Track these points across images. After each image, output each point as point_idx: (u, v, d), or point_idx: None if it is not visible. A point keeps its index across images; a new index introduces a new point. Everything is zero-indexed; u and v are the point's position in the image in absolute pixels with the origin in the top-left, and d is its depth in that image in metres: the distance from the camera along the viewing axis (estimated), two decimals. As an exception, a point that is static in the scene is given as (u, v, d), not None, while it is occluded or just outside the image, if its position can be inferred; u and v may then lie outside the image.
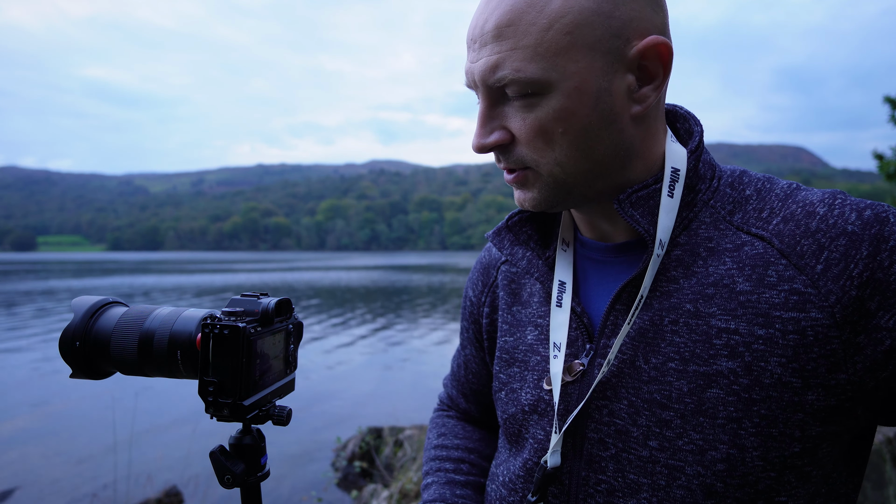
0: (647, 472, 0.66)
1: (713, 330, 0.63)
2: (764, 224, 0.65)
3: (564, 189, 0.67)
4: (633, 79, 0.63)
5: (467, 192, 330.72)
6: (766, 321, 0.61)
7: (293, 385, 0.75)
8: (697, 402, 0.63)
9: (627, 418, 0.67)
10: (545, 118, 0.63)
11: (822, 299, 0.59)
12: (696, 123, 0.74)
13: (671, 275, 0.68)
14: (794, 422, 0.61)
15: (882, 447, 3.46)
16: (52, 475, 6.14)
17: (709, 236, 0.67)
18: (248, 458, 0.68)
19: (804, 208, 0.64)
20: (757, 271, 0.63)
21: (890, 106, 10.10)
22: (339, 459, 6.36)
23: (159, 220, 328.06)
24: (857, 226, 0.60)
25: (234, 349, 0.63)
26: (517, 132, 0.65)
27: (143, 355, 0.69)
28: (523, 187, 0.70)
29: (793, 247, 0.62)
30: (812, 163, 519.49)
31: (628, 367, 0.68)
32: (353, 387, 10.09)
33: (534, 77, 0.61)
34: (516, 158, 0.67)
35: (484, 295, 0.92)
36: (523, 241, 0.80)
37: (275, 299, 0.68)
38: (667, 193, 0.67)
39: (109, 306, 0.72)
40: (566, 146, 0.64)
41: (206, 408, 0.64)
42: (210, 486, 5.38)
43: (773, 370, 0.60)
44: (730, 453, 0.62)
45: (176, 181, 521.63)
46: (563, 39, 0.60)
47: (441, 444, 0.98)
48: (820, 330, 0.59)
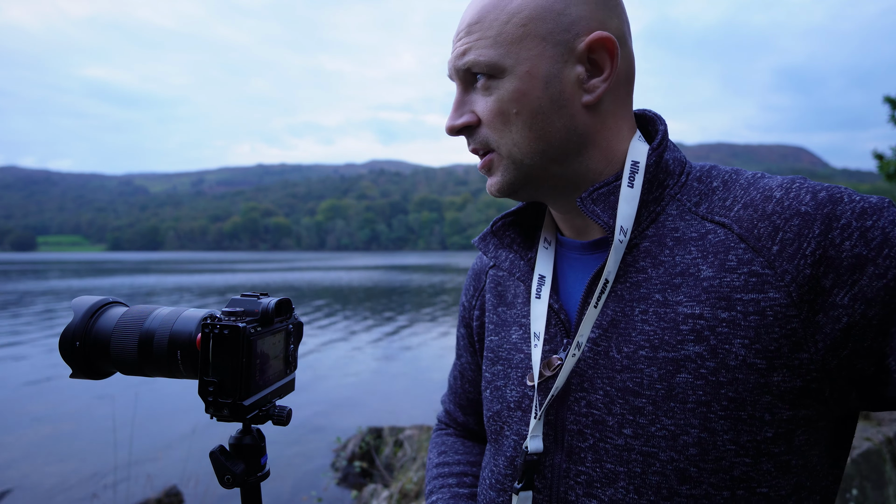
0: (623, 460, 0.67)
1: (680, 316, 0.66)
2: (726, 212, 0.68)
3: (523, 171, 0.73)
4: (582, 70, 0.69)
5: (467, 192, 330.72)
6: (728, 304, 0.63)
7: (293, 385, 0.75)
8: (668, 387, 0.65)
9: (603, 408, 0.69)
10: (502, 99, 0.70)
11: (778, 279, 0.61)
12: (660, 122, 0.78)
13: (640, 265, 0.71)
14: (763, 404, 0.62)
15: (882, 447, 3.46)
16: (52, 475, 6.14)
17: (675, 227, 0.71)
18: (248, 458, 0.69)
19: (763, 193, 0.67)
20: (718, 257, 0.66)
21: (890, 106, 10.11)
22: (339, 459, 6.36)
23: (159, 220, 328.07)
24: (811, 206, 0.62)
25: (234, 349, 0.63)
26: (481, 114, 0.73)
27: (143, 355, 0.69)
28: (490, 172, 0.76)
29: (750, 230, 0.65)
30: (812, 163, 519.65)
31: (603, 357, 0.70)
32: (354, 386, 10.09)
33: (491, 61, 0.69)
34: (480, 139, 0.74)
35: (475, 299, 0.97)
36: (507, 244, 0.84)
37: (275, 299, 0.68)
38: (626, 184, 0.71)
39: (109, 306, 0.72)
40: (521, 126, 0.70)
41: (206, 408, 0.64)
42: (210, 486, 5.38)
43: (737, 352, 0.62)
44: (701, 437, 0.63)
45: (176, 181, 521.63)
46: (518, 31, 0.69)
47: (443, 462, 1.00)
48: (779, 310, 0.61)
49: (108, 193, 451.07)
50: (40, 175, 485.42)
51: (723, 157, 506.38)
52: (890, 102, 10.11)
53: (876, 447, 3.46)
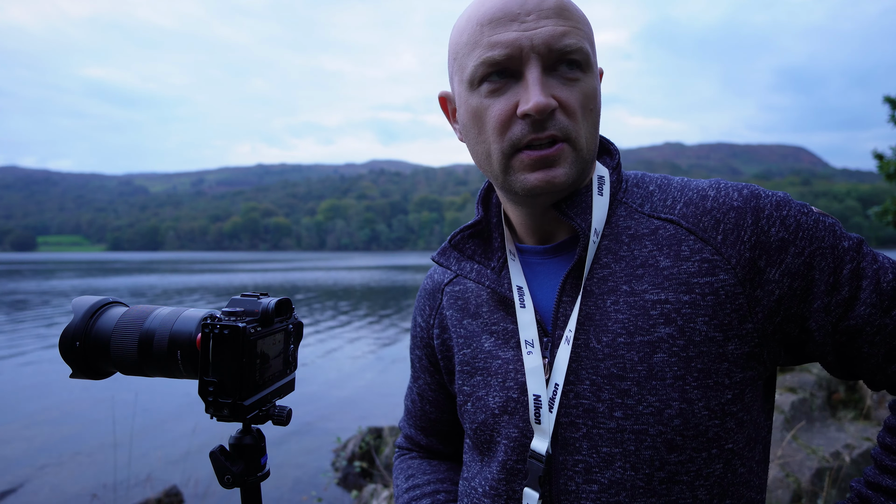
0: (617, 441, 0.72)
1: (648, 303, 0.73)
2: (670, 210, 0.77)
3: (583, 166, 0.76)
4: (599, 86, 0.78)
5: (467, 192, 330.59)
6: (688, 288, 0.72)
7: (293, 385, 0.75)
8: (648, 367, 0.71)
9: (592, 396, 0.73)
10: (585, 92, 0.73)
11: (725, 263, 0.72)
12: (610, 144, 0.88)
13: (603, 261, 0.78)
14: (723, 370, 0.71)
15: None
16: (52, 475, 6.14)
17: (627, 225, 0.79)
18: (247, 458, 0.69)
19: (698, 193, 0.77)
20: (673, 248, 0.75)
21: (890, 106, 10.12)
22: (339, 459, 6.36)
23: (159, 220, 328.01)
24: (740, 201, 0.74)
25: (235, 349, 0.63)
26: (565, 101, 0.72)
27: (143, 355, 0.69)
28: (557, 163, 0.72)
29: (696, 224, 0.75)
30: (812, 163, 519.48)
31: (583, 349, 0.75)
32: (354, 386, 10.09)
33: (589, 55, 0.73)
34: (562, 126, 0.72)
35: (432, 318, 0.96)
36: (469, 255, 0.87)
37: (275, 299, 0.68)
38: (597, 193, 0.79)
39: (109, 306, 0.73)
40: (592, 123, 0.75)
41: (206, 408, 0.64)
42: (210, 486, 5.38)
43: (700, 329, 0.71)
44: (681, 408, 0.70)
45: (176, 181, 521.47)
46: (592, 36, 0.76)
47: (412, 485, 0.99)
48: (729, 289, 0.71)
49: (108, 193, 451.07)
50: (40, 175, 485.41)
51: (723, 157, 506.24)
52: (890, 102, 10.12)
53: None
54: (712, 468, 0.72)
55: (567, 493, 0.74)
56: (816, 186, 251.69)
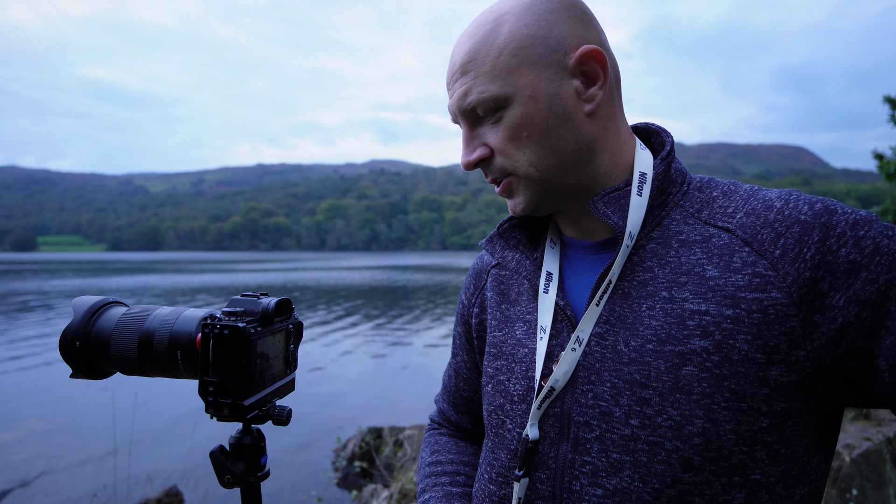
0: (630, 449, 0.70)
1: (686, 312, 0.70)
2: (729, 218, 0.73)
3: (542, 187, 0.77)
4: (578, 83, 0.74)
5: (467, 192, 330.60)
6: (733, 302, 0.68)
7: (293, 385, 0.75)
8: (674, 379, 0.68)
9: (610, 399, 0.72)
10: (511, 126, 0.74)
11: (780, 280, 0.66)
12: (666, 135, 0.83)
13: (647, 265, 0.75)
14: (761, 396, 0.66)
15: (882, 447, 3.46)
16: (52, 475, 6.14)
17: (679, 230, 0.75)
18: (248, 458, 0.69)
19: (763, 203, 0.72)
20: (724, 259, 0.70)
21: (890, 106, 10.11)
22: (339, 459, 6.36)
23: (159, 220, 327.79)
24: (809, 216, 0.68)
25: (235, 349, 0.63)
26: (493, 144, 0.76)
27: (143, 355, 0.69)
28: (511, 195, 0.80)
29: (754, 235, 0.70)
30: (812, 163, 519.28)
31: (610, 351, 0.73)
32: (354, 386, 10.09)
33: (494, 94, 0.73)
34: (498, 168, 0.78)
35: (475, 297, 0.99)
36: (513, 245, 0.88)
37: (275, 299, 0.68)
38: (636, 193, 0.76)
39: (109, 306, 0.73)
40: (533, 147, 0.74)
41: (206, 408, 0.64)
42: (210, 486, 5.38)
43: (740, 347, 0.66)
44: (705, 427, 0.67)
45: (176, 181, 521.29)
46: (511, 61, 0.73)
47: (435, 461, 1.02)
48: (780, 308, 0.66)
49: (108, 193, 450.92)
50: (40, 175, 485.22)
51: (723, 156, 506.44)
52: (890, 102, 10.11)
53: (876, 447, 3.46)
54: (731, 497, 0.67)
55: (571, 492, 0.73)
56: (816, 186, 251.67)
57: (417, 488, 1.00)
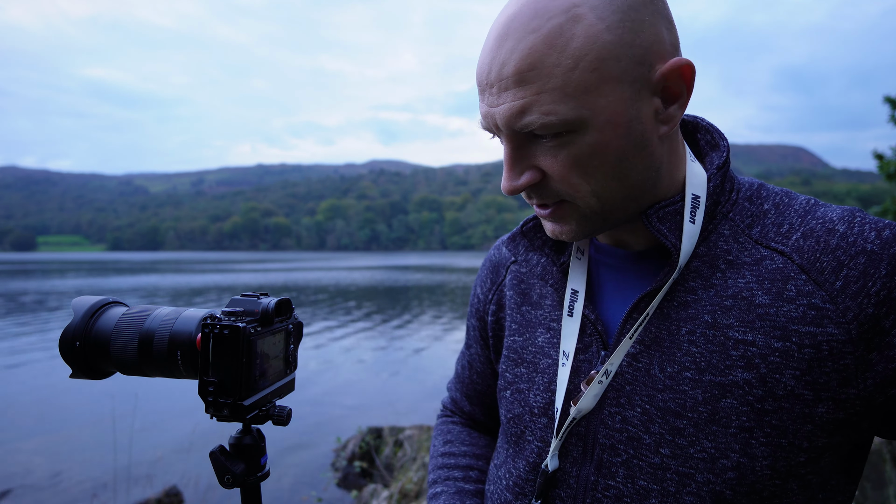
0: (658, 478, 0.66)
1: (730, 341, 0.64)
2: (784, 239, 0.66)
3: (601, 217, 0.68)
4: (658, 101, 0.63)
5: (467, 192, 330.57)
6: (784, 334, 0.62)
7: (293, 385, 0.75)
8: (711, 411, 0.64)
9: (640, 426, 0.68)
10: (580, 154, 0.62)
11: (839, 315, 0.60)
12: (720, 137, 0.73)
13: (689, 285, 0.68)
14: (804, 433, 0.62)
15: (882, 447, 3.46)
16: (52, 475, 6.14)
17: (728, 249, 0.68)
18: (248, 458, 0.68)
19: (824, 225, 0.64)
20: (776, 285, 0.64)
21: (890, 106, 10.10)
22: (339, 459, 6.36)
23: (159, 220, 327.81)
24: (877, 245, 0.61)
25: (234, 349, 0.62)
26: (550, 170, 0.65)
27: (143, 355, 0.69)
28: (559, 221, 0.69)
29: (813, 262, 0.63)
30: (812, 163, 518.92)
31: (643, 375, 0.69)
32: (354, 386, 10.09)
33: (566, 118, 0.60)
34: (552, 193, 0.67)
35: (492, 293, 0.92)
36: (538, 246, 0.80)
37: (275, 299, 0.68)
38: (689, 220, 0.67)
39: (109, 306, 0.72)
40: (602, 178, 0.64)
41: (206, 408, 0.64)
42: (210, 486, 5.38)
43: (787, 382, 0.62)
44: (740, 462, 0.63)
45: (176, 181, 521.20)
46: (590, 77, 0.59)
47: (448, 452, 0.99)
48: (835, 345, 0.60)
49: (108, 193, 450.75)
50: (40, 175, 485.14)
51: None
52: (890, 102, 10.10)
53: (876, 447, 3.46)
54: None
55: None
56: (816, 186, 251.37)
57: (429, 478, 0.97)
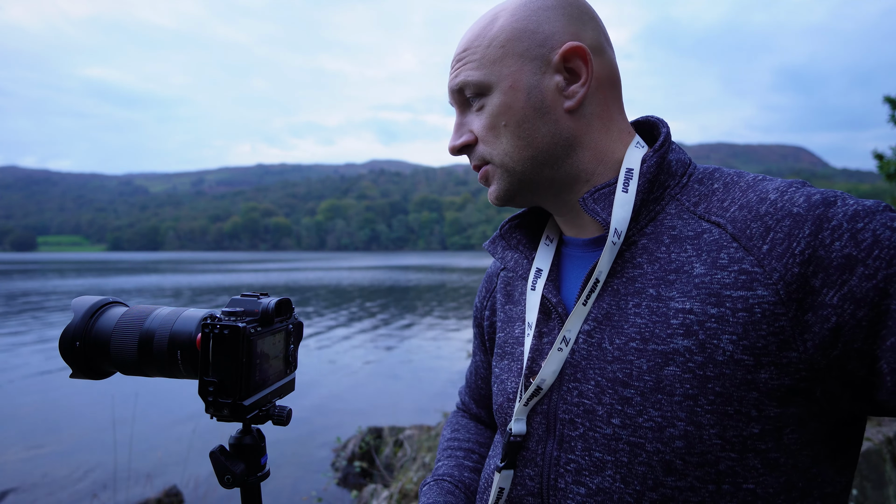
0: (611, 449, 0.69)
1: (671, 311, 0.68)
2: (723, 212, 0.70)
3: (516, 177, 0.79)
4: (560, 78, 0.75)
5: (467, 192, 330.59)
6: (718, 300, 0.65)
7: (293, 385, 0.75)
8: (656, 379, 0.67)
9: (594, 398, 0.72)
10: (491, 114, 0.77)
11: (766, 277, 0.62)
12: (662, 125, 0.82)
13: (637, 261, 0.74)
14: (749, 400, 0.63)
15: (882, 447, 3.46)
16: (52, 475, 6.14)
17: (672, 225, 0.73)
18: (248, 458, 0.69)
19: (759, 195, 0.68)
20: (711, 255, 0.68)
21: (890, 106, 10.11)
22: (339, 459, 6.36)
23: (159, 220, 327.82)
24: (803, 207, 0.63)
25: (234, 349, 0.63)
26: (477, 131, 0.80)
27: (143, 355, 0.69)
28: (488, 183, 0.82)
29: (743, 230, 0.66)
30: (812, 163, 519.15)
31: (596, 349, 0.73)
32: (354, 386, 10.09)
33: (478, 80, 0.77)
34: (478, 155, 0.81)
35: (486, 300, 1.02)
36: (513, 245, 0.89)
37: (275, 299, 0.68)
38: (622, 189, 0.75)
39: (109, 306, 0.73)
40: (510, 136, 0.77)
41: (206, 408, 0.64)
42: (210, 486, 5.38)
43: (724, 347, 0.63)
44: (687, 430, 0.64)
45: (176, 181, 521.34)
46: (497, 52, 0.76)
47: (454, 437, 1.09)
48: (767, 307, 0.62)
49: (108, 193, 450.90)
50: (40, 175, 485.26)
51: (723, 157, 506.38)
52: (890, 102, 10.10)
53: (876, 447, 3.46)
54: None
55: (556, 489, 0.74)
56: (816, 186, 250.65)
57: (436, 459, 1.06)
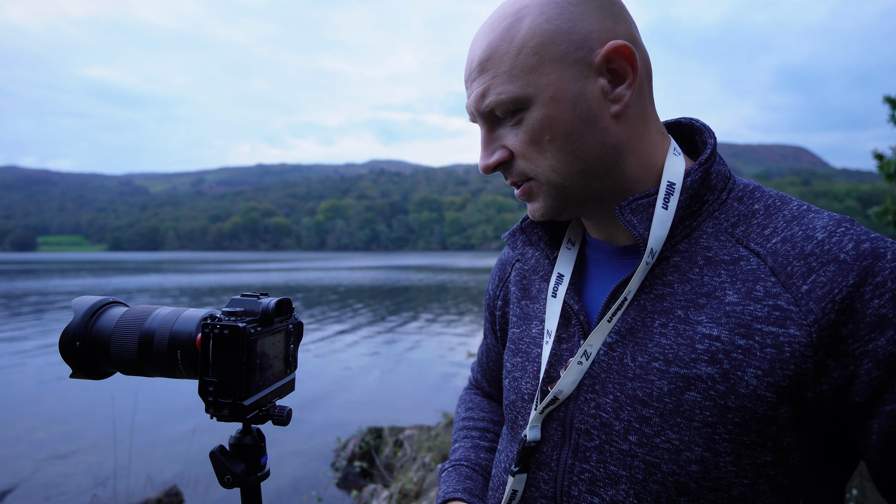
0: (626, 465, 0.69)
1: (698, 335, 0.66)
2: (764, 241, 0.68)
3: (564, 193, 0.73)
4: (604, 82, 0.69)
5: (467, 192, 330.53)
6: (747, 332, 0.64)
7: (293, 385, 0.75)
8: (676, 402, 0.66)
9: (612, 412, 0.71)
10: (532, 129, 0.70)
11: (801, 317, 0.62)
12: (709, 135, 0.77)
13: (667, 279, 0.71)
14: (767, 433, 0.63)
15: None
16: (52, 475, 6.14)
17: (708, 246, 0.71)
18: (248, 458, 0.69)
19: (805, 231, 0.66)
20: (747, 285, 0.66)
21: (890, 106, 10.10)
22: (339, 459, 6.36)
23: (159, 220, 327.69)
24: (851, 255, 0.62)
25: (234, 349, 0.63)
26: (513, 147, 0.73)
27: (143, 355, 0.69)
28: (530, 199, 0.76)
29: (784, 266, 0.65)
30: (812, 163, 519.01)
31: (617, 363, 0.72)
32: (354, 387, 10.09)
33: (514, 95, 0.69)
34: (518, 172, 0.74)
35: (499, 289, 1.00)
36: (534, 241, 0.85)
37: (275, 299, 0.68)
38: (661, 205, 0.71)
39: (109, 306, 0.73)
40: (556, 151, 0.70)
41: (206, 408, 0.64)
42: (210, 486, 5.38)
43: (748, 381, 0.63)
44: (703, 456, 0.64)
45: (176, 181, 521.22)
46: (532, 59, 0.68)
47: (468, 416, 1.09)
48: (797, 347, 0.61)
49: (108, 193, 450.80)
50: (40, 175, 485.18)
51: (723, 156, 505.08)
52: (890, 102, 10.11)
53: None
54: None
55: (570, 496, 0.74)
56: (816, 186, 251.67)
57: (452, 438, 1.07)
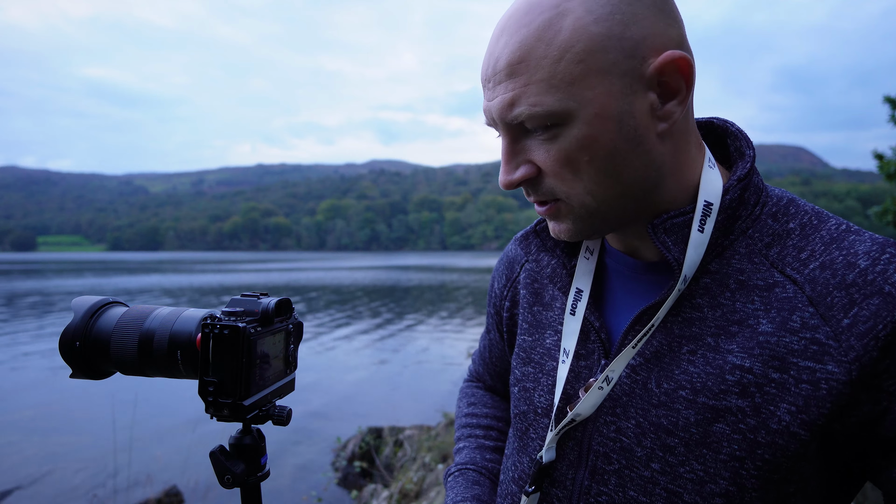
0: (647, 491, 0.66)
1: (728, 365, 0.62)
2: (801, 267, 0.63)
3: (598, 217, 0.66)
4: (654, 97, 0.61)
5: (467, 192, 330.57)
6: (782, 365, 0.60)
7: (293, 385, 0.75)
8: (703, 433, 0.63)
9: (633, 438, 0.68)
10: (569, 148, 0.61)
11: (841, 353, 0.58)
12: (747, 145, 0.70)
13: (696, 302, 0.66)
14: (797, 470, 0.61)
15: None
16: (52, 475, 6.14)
17: (741, 268, 0.65)
18: (248, 458, 0.68)
19: (846, 258, 0.61)
20: (782, 314, 0.61)
21: (890, 106, 10.12)
22: (339, 459, 6.36)
23: (159, 220, 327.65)
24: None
25: (234, 349, 0.62)
26: (543, 164, 0.64)
27: (143, 355, 0.69)
28: (556, 219, 0.68)
29: (823, 297, 0.60)
30: (812, 163, 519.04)
31: (640, 388, 0.68)
32: (354, 387, 10.09)
33: (551, 109, 0.59)
34: (546, 191, 0.66)
35: (506, 289, 0.93)
36: (550, 247, 0.79)
37: (275, 299, 0.68)
38: (697, 228, 0.64)
39: (109, 306, 0.72)
40: (594, 174, 0.62)
41: (206, 408, 0.64)
42: (210, 486, 5.38)
43: (781, 416, 0.60)
44: (729, 490, 0.62)
45: (176, 181, 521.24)
46: (576, 68, 0.58)
47: (471, 413, 1.05)
48: (834, 385, 0.58)
49: (108, 193, 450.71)
50: (40, 175, 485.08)
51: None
52: (890, 102, 10.12)
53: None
54: None
55: None
56: (816, 186, 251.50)
57: (455, 436, 1.04)
